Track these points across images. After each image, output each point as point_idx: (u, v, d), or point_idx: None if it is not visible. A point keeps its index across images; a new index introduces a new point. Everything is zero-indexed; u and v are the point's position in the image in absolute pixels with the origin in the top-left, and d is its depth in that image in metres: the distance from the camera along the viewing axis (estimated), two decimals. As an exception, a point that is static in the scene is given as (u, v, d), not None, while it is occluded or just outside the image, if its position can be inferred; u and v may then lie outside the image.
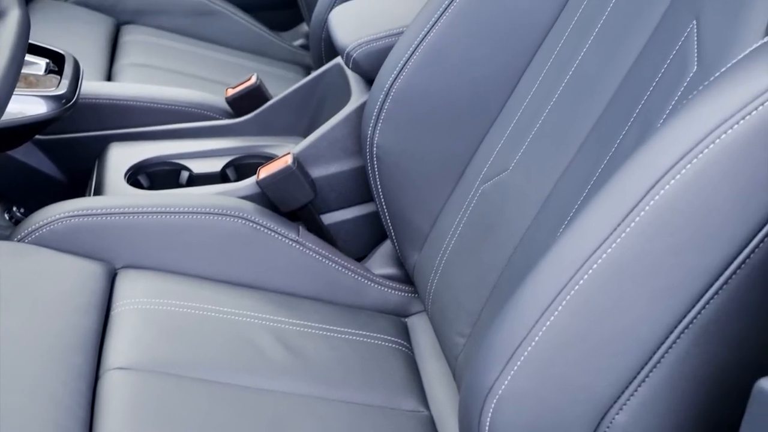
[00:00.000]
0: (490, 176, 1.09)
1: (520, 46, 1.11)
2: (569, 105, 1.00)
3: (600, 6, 1.00)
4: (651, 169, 0.68)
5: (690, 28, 0.84)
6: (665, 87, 0.84)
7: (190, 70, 1.76)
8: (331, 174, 1.29)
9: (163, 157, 1.37)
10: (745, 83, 0.66)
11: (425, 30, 1.14)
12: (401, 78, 1.15)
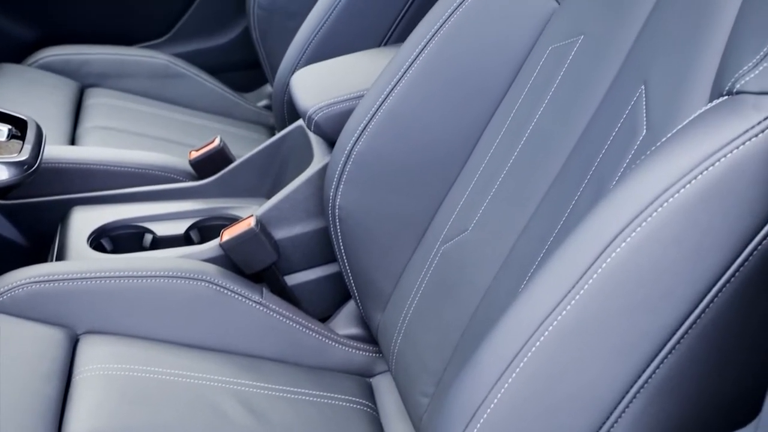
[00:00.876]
0: (451, 236, 1.10)
1: (477, 108, 1.13)
2: (526, 166, 1.02)
3: (553, 70, 1.03)
4: (602, 232, 0.69)
5: (639, 92, 0.87)
6: (617, 150, 0.87)
7: (154, 132, 1.77)
8: (294, 235, 1.30)
9: (126, 221, 1.37)
10: (690, 149, 0.69)
11: (384, 94, 1.17)
12: (362, 141, 1.17)
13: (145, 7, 2.13)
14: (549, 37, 1.07)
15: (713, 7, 0.82)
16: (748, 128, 0.68)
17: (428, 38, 1.16)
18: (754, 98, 0.69)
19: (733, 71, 0.72)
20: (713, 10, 0.82)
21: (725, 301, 0.68)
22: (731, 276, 0.68)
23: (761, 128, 0.67)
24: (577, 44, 1.01)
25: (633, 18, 0.94)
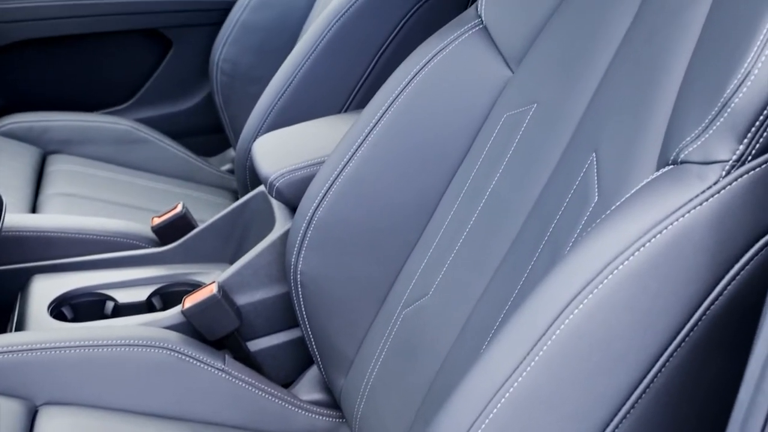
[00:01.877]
0: (412, 301, 1.11)
1: (435, 174, 1.15)
2: (483, 232, 1.03)
3: (508, 138, 1.06)
4: (555, 299, 0.71)
5: (590, 160, 0.89)
6: (570, 216, 0.89)
7: (117, 198, 1.77)
8: (256, 301, 1.30)
9: (87, 288, 1.37)
10: (638, 217, 0.71)
11: (345, 160, 1.18)
12: (323, 206, 1.18)
13: (108, 73, 2.14)
14: (504, 105, 1.10)
15: (659, 76, 0.84)
16: (693, 197, 0.70)
17: (387, 105, 1.18)
18: (698, 168, 0.71)
19: (678, 141, 0.75)
20: (659, 78, 0.84)
21: (676, 366, 0.69)
22: (681, 341, 0.69)
23: (705, 197, 0.70)
24: (531, 112, 1.04)
25: (583, 87, 0.97)
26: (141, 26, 2.09)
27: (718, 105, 0.71)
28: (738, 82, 0.70)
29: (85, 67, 2.12)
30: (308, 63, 1.54)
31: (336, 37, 1.52)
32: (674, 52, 0.83)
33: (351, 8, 1.51)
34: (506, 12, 1.13)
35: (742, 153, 0.70)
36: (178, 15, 2.10)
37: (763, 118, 0.69)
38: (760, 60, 0.69)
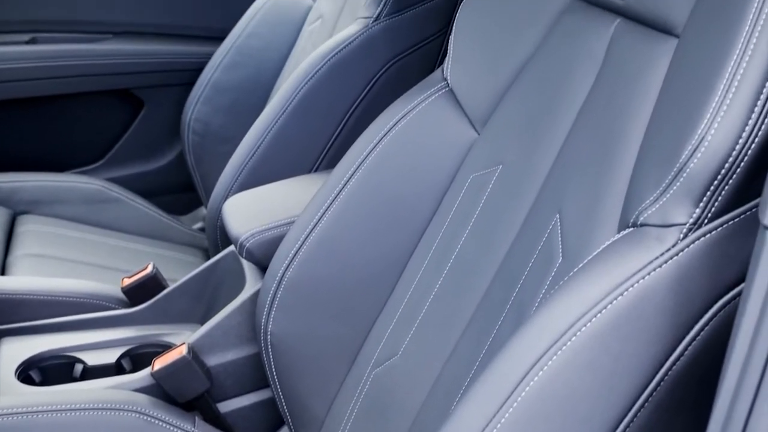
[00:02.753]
0: (381, 361, 1.11)
1: (404, 234, 1.17)
2: (451, 292, 1.04)
3: (474, 199, 1.07)
4: (521, 361, 0.72)
5: (554, 221, 0.91)
6: (535, 277, 0.90)
7: (87, 258, 1.77)
8: (227, 361, 1.30)
9: (55, 351, 1.36)
10: (600, 279, 0.72)
11: (314, 220, 1.19)
12: (293, 267, 1.19)
13: (80, 133, 2.15)
14: (470, 166, 1.12)
15: (618, 139, 0.87)
16: (652, 259, 0.71)
17: (356, 166, 1.19)
18: (657, 230, 0.73)
19: (637, 203, 0.77)
20: (618, 141, 0.87)
21: (640, 427, 0.70)
22: (645, 401, 0.70)
23: (664, 259, 0.71)
24: (496, 173, 1.06)
25: (547, 149, 0.99)
26: (113, 87, 2.10)
27: (674, 169, 0.73)
28: (693, 148, 0.72)
29: (56, 128, 2.12)
30: (278, 123, 1.56)
31: (306, 97, 1.54)
32: (632, 117, 0.85)
33: (321, 69, 1.54)
34: (471, 75, 1.16)
35: (699, 216, 0.72)
36: (151, 75, 2.12)
37: (717, 182, 0.71)
38: (714, 126, 0.71)
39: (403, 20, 1.53)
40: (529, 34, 1.09)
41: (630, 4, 0.93)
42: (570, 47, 1.01)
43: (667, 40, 0.86)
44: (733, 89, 0.71)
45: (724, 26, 0.73)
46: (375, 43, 1.53)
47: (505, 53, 1.11)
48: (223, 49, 1.98)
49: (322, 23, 1.84)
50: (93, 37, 2.10)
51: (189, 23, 2.17)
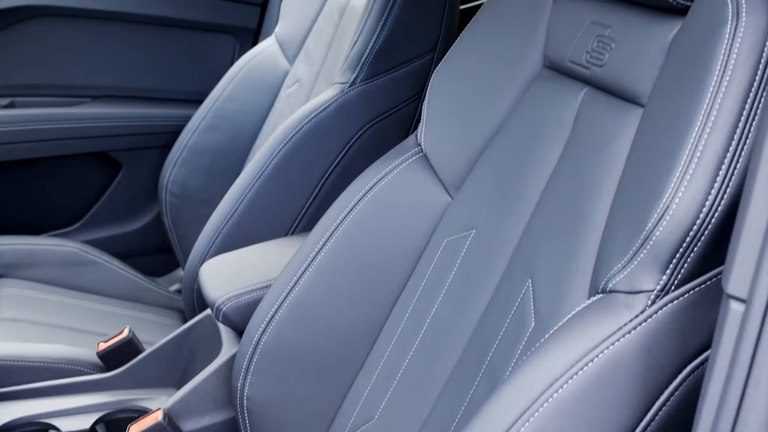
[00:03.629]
0: (358, 425, 1.11)
1: (380, 298, 1.17)
2: (426, 357, 1.05)
3: (448, 263, 1.09)
4: (493, 427, 0.72)
5: (526, 286, 0.92)
6: (508, 342, 0.91)
7: (63, 322, 1.76)
8: (203, 426, 1.29)
9: (29, 418, 1.34)
10: (570, 346, 0.73)
11: (291, 284, 1.20)
12: (269, 331, 1.19)
13: (57, 196, 2.15)
14: (444, 231, 1.13)
15: (587, 206, 0.88)
16: (621, 326, 0.73)
17: (332, 230, 1.21)
18: (625, 297, 0.74)
19: (606, 270, 0.78)
20: (587, 208, 0.88)
21: (613, 492, 0.71)
22: (617, 467, 0.71)
23: (633, 326, 0.73)
24: (470, 238, 1.07)
25: (518, 214, 1.01)
26: (91, 150, 2.11)
27: (641, 237, 0.75)
28: (658, 216, 0.74)
29: (33, 191, 2.13)
30: (256, 187, 1.57)
31: (283, 161, 1.56)
32: (600, 184, 0.87)
33: (298, 133, 1.56)
34: (444, 140, 1.18)
35: (666, 283, 0.73)
36: (129, 138, 2.13)
37: (683, 250, 0.73)
38: (678, 195, 0.73)
39: (379, 85, 1.56)
40: (500, 100, 1.11)
41: (597, 74, 0.95)
42: (540, 114, 1.03)
43: (632, 110, 0.88)
44: (696, 159, 0.73)
45: (685, 98, 0.76)
46: (351, 108, 1.55)
47: (478, 119, 1.14)
48: (201, 112, 2.00)
49: (299, 87, 1.87)
50: (72, 101, 2.12)
51: (167, 86, 2.19)
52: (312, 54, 1.86)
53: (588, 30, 0.98)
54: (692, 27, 0.80)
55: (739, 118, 0.72)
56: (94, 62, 2.12)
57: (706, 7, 0.78)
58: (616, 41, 0.93)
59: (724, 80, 0.73)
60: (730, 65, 0.73)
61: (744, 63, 0.73)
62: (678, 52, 0.82)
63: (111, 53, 2.13)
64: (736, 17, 0.74)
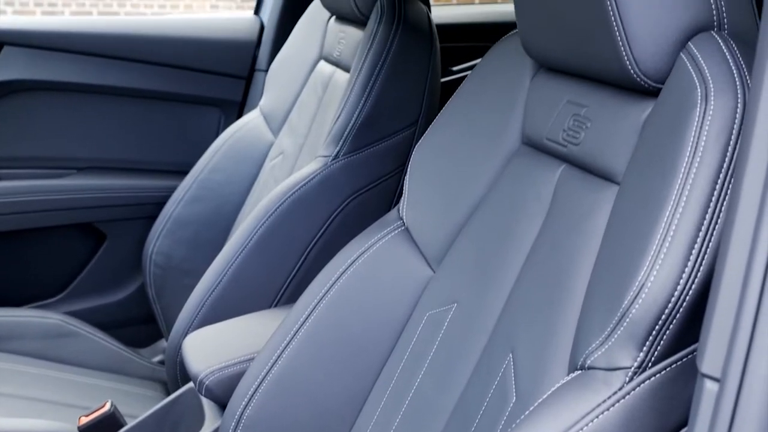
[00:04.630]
0: (341, 501, 1.11)
1: (362, 371, 1.18)
2: (409, 430, 1.05)
3: (430, 337, 1.10)
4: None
5: (507, 360, 0.93)
6: (490, 416, 0.91)
7: (45, 395, 1.74)
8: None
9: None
10: (550, 424, 0.74)
11: (274, 357, 1.20)
12: (252, 405, 1.19)
13: (40, 267, 2.15)
14: (426, 304, 1.14)
15: (565, 282, 0.90)
16: (600, 402, 0.74)
17: (314, 304, 1.21)
18: (603, 374, 0.75)
19: (585, 346, 0.79)
20: (565, 284, 0.90)
21: None
22: None
23: (611, 402, 0.73)
24: (451, 312, 1.08)
25: (499, 288, 1.02)
26: (76, 221, 2.12)
27: (617, 314, 0.76)
28: (634, 294, 0.75)
29: (16, 262, 2.12)
30: (239, 259, 1.58)
31: (266, 234, 1.57)
32: (578, 260, 0.89)
33: (281, 206, 1.57)
34: (426, 214, 1.20)
35: (643, 360, 0.75)
36: (114, 209, 2.14)
37: (659, 327, 0.74)
38: (653, 273, 0.75)
39: (361, 158, 1.58)
40: (480, 175, 1.14)
41: (573, 152, 0.98)
42: (519, 190, 1.05)
43: (608, 187, 0.90)
44: (669, 238, 0.74)
45: (658, 178, 0.78)
46: (334, 181, 1.57)
47: (458, 194, 1.16)
48: (186, 183, 2.01)
49: (283, 159, 1.89)
50: (57, 173, 2.13)
51: (153, 158, 2.21)
52: (296, 127, 1.89)
53: (564, 109, 1.01)
54: (664, 109, 0.83)
55: (710, 198, 0.75)
56: (80, 134, 2.14)
57: (677, 90, 0.81)
58: (592, 120, 0.95)
59: (695, 162, 0.75)
60: (700, 147, 0.75)
61: (713, 145, 0.75)
62: (651, 132, 0.84)
63: (97, 125, 2.16)
64: (705, 100, 0.77)
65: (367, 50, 1.59)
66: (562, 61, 1.00)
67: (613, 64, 0.88)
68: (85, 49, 2.09)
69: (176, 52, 2.16)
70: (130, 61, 2.13)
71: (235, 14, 2.41)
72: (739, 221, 0.66)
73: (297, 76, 1.95)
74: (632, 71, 0.86)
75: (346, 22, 1.80)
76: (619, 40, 0.85)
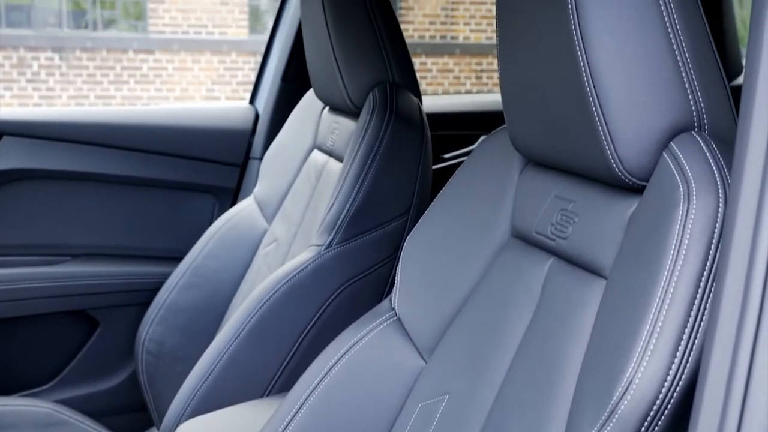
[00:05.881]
0: None
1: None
2: None
3: (422, 427, 1.10)
4: None
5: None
6: None
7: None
8: None
9: None
10: None
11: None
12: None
13: (31, 355, 2.14)
14: (418, 395, 1.15)
15: (555, 375, 0.91)
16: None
17: (308, 393, 1.22)
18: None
19: (576, 443, 0.80)
20: (555, 377, 0.91)
21: None
22: None
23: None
24: (444, 403, 1.09)
25: (490, 380, 1.03)
26: (69, 308, 2.12)
27: (606, 410, 0.77)
28: (623, 390, 0.76)
29: (6, 350, 2.11)
30: (232, 348, 1.58)
31: (260, 322, 1.58)
32: (567, 354, 0.90)
33: (275, 295, 1.58)
34: (418, 305, 1.21)
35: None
36: (107, 296, 2.14)
37: (648, 423, 0.75)
38: (640, 369, 0.76)
39: (354, 247, 1.60)
40: (471, 267, 1.15)
41: (561, 246, 1.00)
42: (509, 282, 1.07)
43: (596, 281, 0.92)
44: (656, 336, 0.76)
45: (644, 276, 0.80)
46: (327, 269, 1.59)
47: (450, 285, 1.17)
48: (180, 269, 2.02)
49: (276, 246, 1.91)
50: (51, 260, 2.14)
51: (147, 245, 2.23)
52: (290, 214, 1.91)
53: (552, 203, 1.03)
54: (648, 206, 0.85)
55: (695, 295, 0.76)
56: (77, 221, 2.16)
57: (660, 189, 0.84)
58: (579, 215, 0.98)
59: (679, 260, 0.77)
60: (684, 246, 0.77)
61: (696, 244, 0.77)
62: (636, 229, 0.87)
63: (93, 212, 2.18)
64: (688, 200, 0.79)
65: (360, 141, 1.63)
66: (548, 156, 1.02)
67: (599, 161, 0.90)
68: (83, 138, 2.13)
69: (172, 141, 2.20)
70: (126, 150, 2.16)
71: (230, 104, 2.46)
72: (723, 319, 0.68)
73: (291, 164, 1.99)
74: (617, 169, 0.88)
75: (339, 112, 1.84)
76: (604, 139, 0.88)
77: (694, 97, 0.86)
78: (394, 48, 1.69)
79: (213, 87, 9.40)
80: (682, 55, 0.85)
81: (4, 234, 2.10)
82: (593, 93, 0.87)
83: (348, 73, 1.68)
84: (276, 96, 2.29)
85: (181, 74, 9.29)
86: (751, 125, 0.71)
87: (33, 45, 8.86)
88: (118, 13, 9.28)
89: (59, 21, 9.09)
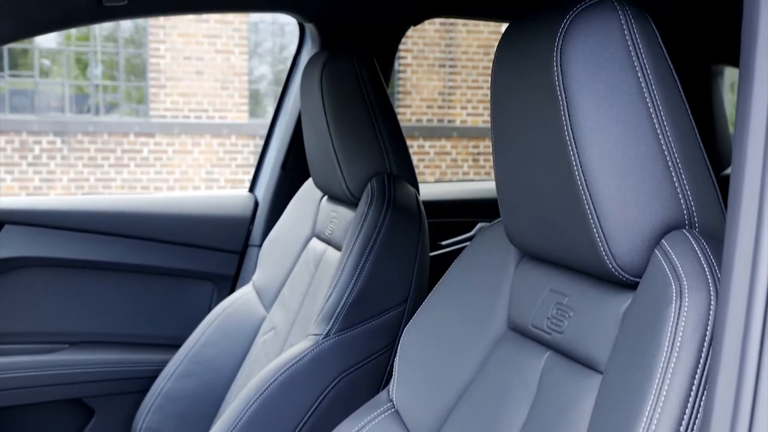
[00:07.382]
0: None
1: None
2: None
3: None
4: None
5: None
6: None
7: None
8: None
9: None
10: None
11: None
12: None
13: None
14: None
15: None
16: None
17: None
18: None
19: None
20: None
21: None
22: None
23: None
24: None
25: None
26: (64, 397, 2.11)
27: None
28: (619, 489, 0.76)
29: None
30: (229, 438, 1.57)
31: (257, 412, 1.57)
32: (565, 451, 0.90)
33: (272, 384, 1.58)
34: (415, 397, 1.21)
35: None
36: (103, 384, 2.13)
37: None
38: (637, 468, 0.76)
39: (352, 336, 1.61)
40: (468, 359, 1.16)
41: (557, 340, 1.01)
42: (506, 375, 1.08)
43: (592, 376, 0.93)
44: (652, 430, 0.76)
45: (638, 372, 0.81)
46: (325, 359, 1.59)
47: (447, 377, 1.17)
48: (178, 357, 2.02)
49: (275, 334, 1.91)
50: (49, 348, 2.14)
51: (145, 332, 2.23)
52: (288, 302, 1.92)
53: (548, 297, 1.04)
54: (641, 303, 0.87)
55: (689, 392, 0.77)
56: (75, 309, 2.17)
57: (653, 286, 0.85)
58: (574, 310, 0.99)
59: (672, 357, 0.78)
60: (677, 344, 0.78)
61: (689, 341, 0.78)
62: (630, 325, 0.88)
63: (92, 300, 2.18)
64: (680, 297, 0.81)
65: (358, 230, 1.65)
66: (543, 251, 1.04)
67: (592, 257, 0.92)
68: (83, 227, 2.15)
69: (172, 229, 2.22)
70: (126, 237, 2.18)
71: (230, 192, 2.50)
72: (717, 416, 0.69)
73: (290, 252, 2.00)
74: (610, 265, 0.90)
75: (337, 202, 1.87)
76: (597, 237, 0.90)
77: (684, 196, 0.88)
78: (391, 139, 1.72)
79: (212, 169, 9.49)
80: (672, 157, 0.88)
81: (4, 322, 2.10)
82: (586, 191, 0.89)
83: (346, 164, 1.71)
84: (275, 184, 2.32)
85: (181, 157, 9.38)
86: (738, 224, 0.73)
87: (36, 129, 8.97)
88: (120, 98, 9.42)
89: (62, 105, 9.22)
